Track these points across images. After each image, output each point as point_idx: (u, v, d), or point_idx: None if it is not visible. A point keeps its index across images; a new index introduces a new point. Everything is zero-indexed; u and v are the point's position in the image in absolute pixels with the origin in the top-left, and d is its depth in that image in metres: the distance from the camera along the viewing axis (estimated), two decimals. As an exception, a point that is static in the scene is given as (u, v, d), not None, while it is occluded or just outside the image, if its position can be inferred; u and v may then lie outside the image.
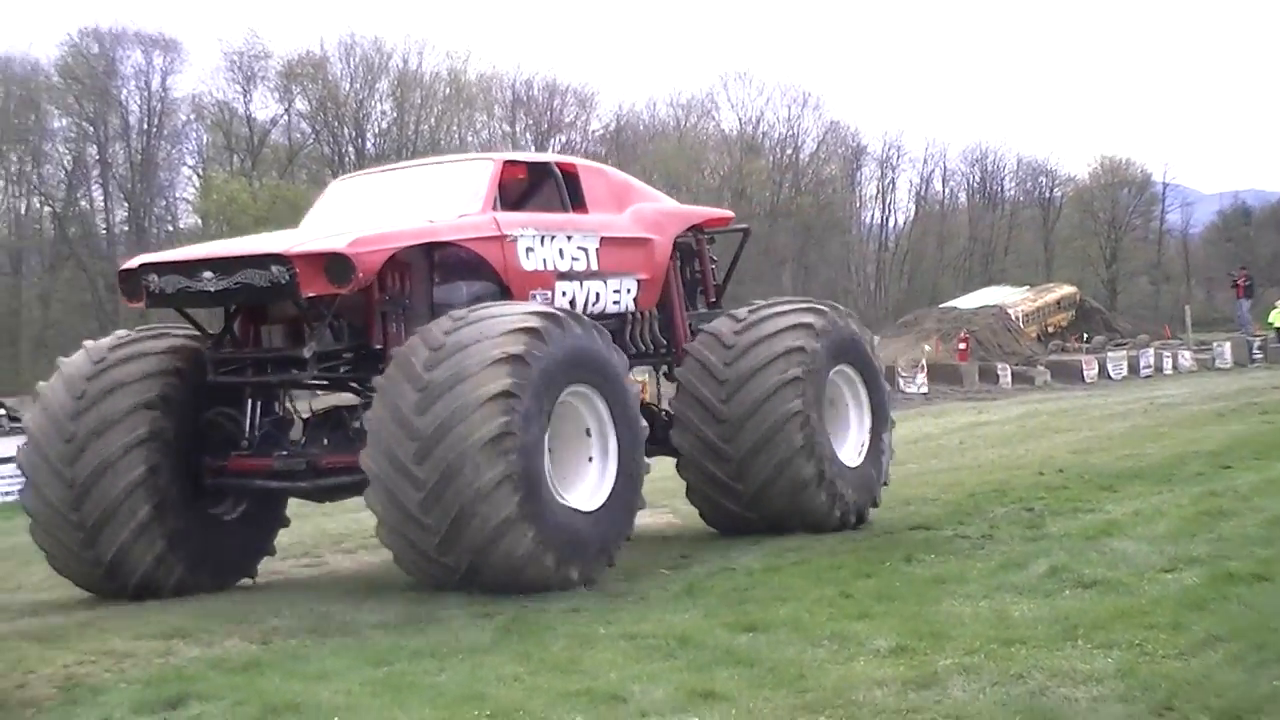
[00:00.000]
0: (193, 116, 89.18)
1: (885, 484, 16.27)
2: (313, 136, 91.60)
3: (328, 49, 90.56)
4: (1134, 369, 55.93)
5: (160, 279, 12.56)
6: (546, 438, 11.72)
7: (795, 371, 14.37)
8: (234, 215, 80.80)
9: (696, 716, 8.18)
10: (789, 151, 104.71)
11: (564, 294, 13.76)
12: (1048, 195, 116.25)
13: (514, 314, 11.69)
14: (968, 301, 73.48)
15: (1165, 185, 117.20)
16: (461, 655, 10.22)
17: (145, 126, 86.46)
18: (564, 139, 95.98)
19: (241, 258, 12.31)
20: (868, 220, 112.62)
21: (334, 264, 11.72)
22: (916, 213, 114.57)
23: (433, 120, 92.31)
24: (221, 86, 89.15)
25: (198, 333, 13.50)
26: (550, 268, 13.58)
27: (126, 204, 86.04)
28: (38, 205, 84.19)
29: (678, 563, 13.86)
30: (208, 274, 12.29)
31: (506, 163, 14.37)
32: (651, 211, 15.45)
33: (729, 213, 18.26)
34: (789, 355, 14.44)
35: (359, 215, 13.93)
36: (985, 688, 8.49)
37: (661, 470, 15.12)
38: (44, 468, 12.56)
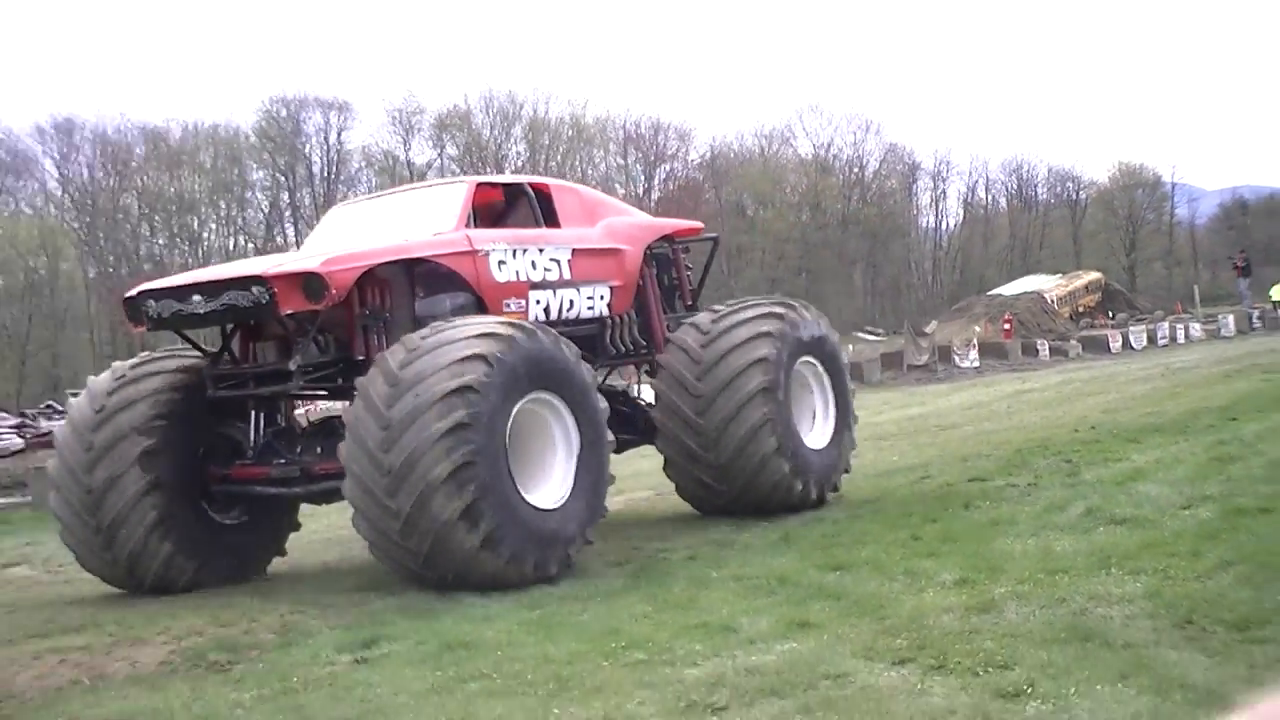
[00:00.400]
0: (363, 164, 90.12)
1: (847, 470, 15.07)
2: (459, 174, 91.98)
3: (471, 102, 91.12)
4: (1152, 340, 55.23)
5: (157, 304, 11.88)
6: (505, 444, 10.65)
7: (761, 353, 13.48)
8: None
9: (795, 643, 8.18)
10: (855, 170, 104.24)
11: (538, 302, 12.92)
12: (1074, 197, 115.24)
13: (462, 339, 10.59)
14: (1010, 289, 72.72)
15: (1173, 185, 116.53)
16: (600, 598, 10.29)
17: (326, 174, 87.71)
18: (667, 169, 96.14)
19: (226, 280, 11.59)
20: (923, 225, 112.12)
21: (309, 282, 11.03)
22: (964, 217, 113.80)
23: (559, 158, 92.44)
24: (385, 138, 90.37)
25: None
26: (524, 278, 12.74)
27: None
28: (243, 242, 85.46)
29: (774, 516, 13.82)
30: (197, 297, 11.62)
31: (479, 185, 13.62)
32: (622, 224, 14.55)
33: (698, 224, 17.29)
34: (755, 365, 13.42)
35: (348, 237, 13.23)
36: (1034, 610, 8.44)
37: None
38: (67, 475, 11.98)
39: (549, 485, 11.25)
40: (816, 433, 14.46)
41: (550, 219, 13.52)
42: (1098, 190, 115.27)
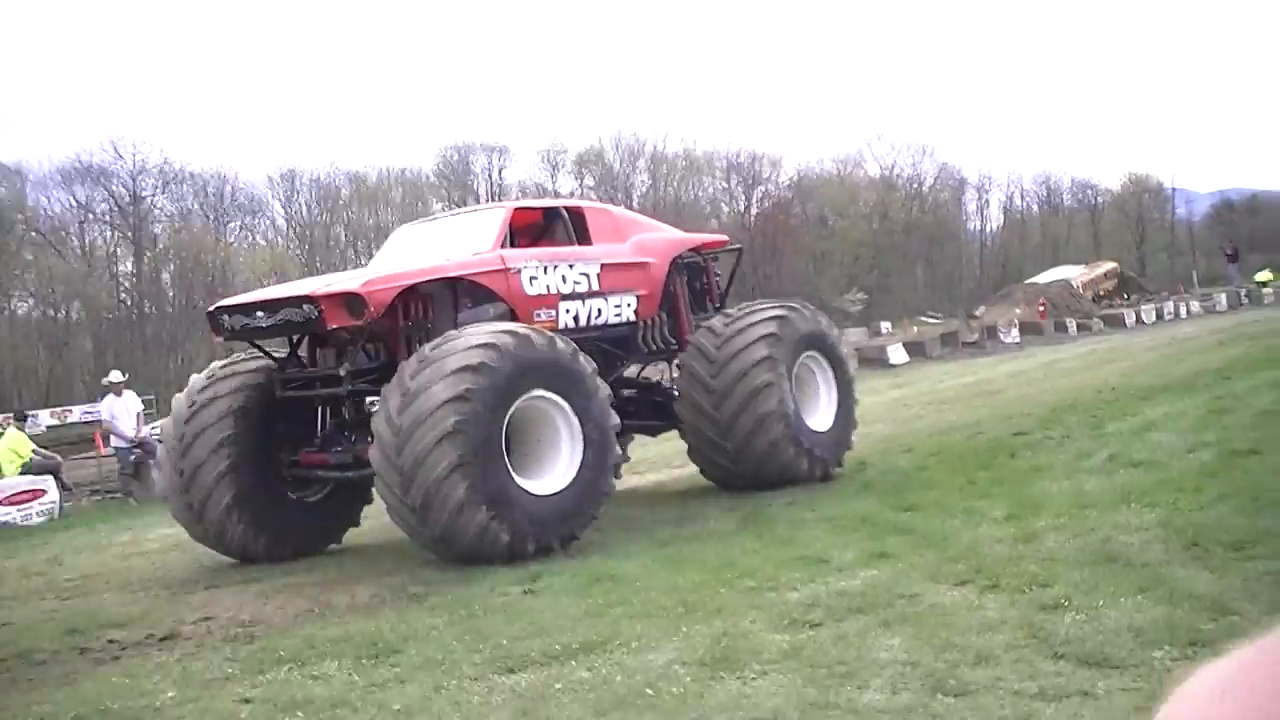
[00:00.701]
0: (520, 193, 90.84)
1: (849, 447, 13.87)
2: (596, 200, 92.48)
3: (604, 141, 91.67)
4: (1160, 316, 54.32)
5: (230, 319, 11.44)
6: (501, 440, 9.94)
7: (766, 352, 12.60)
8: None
9: (875, 570, 8.14)
10: (915, 186, 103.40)
11: (567, 311, 12.11)
12: (1093, 202, 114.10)
13: (460, 351, 9.92)
14: (1043, 278, 71.81)
15: (1173, 190, 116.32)
16: (717, 537, 10.28)
17: (490, 200, 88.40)
18: (762, 190, 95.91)
19: (283, 299, 11.08)
20: (971, 228, 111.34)
21: (351, 301, 10.49)
22: (1004, 221, 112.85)
23: (675, 184, 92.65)
24: (536, 173, 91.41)
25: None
26: (554, 291, 11.98)
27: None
28: None
29: (858, 468, 13.76)
30: (260, 314, 11.17)
31: (517, 209, 12.88)
32: (650, 240, 13.61)
33: (723, 237, 16.36)
34: (761, 364, 12.53)
35: (404, 255, 12.62)
36: (1069, 539, 8.34)
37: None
38: (166, 461, 11.72)
39: (554, 472, 10.50)
40: (821, 416, 13.50)
41: (583, 237, 12.83)
42: (1112, 196, 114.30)
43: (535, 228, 13.13)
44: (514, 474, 10.04)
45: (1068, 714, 4.97)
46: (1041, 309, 55.03)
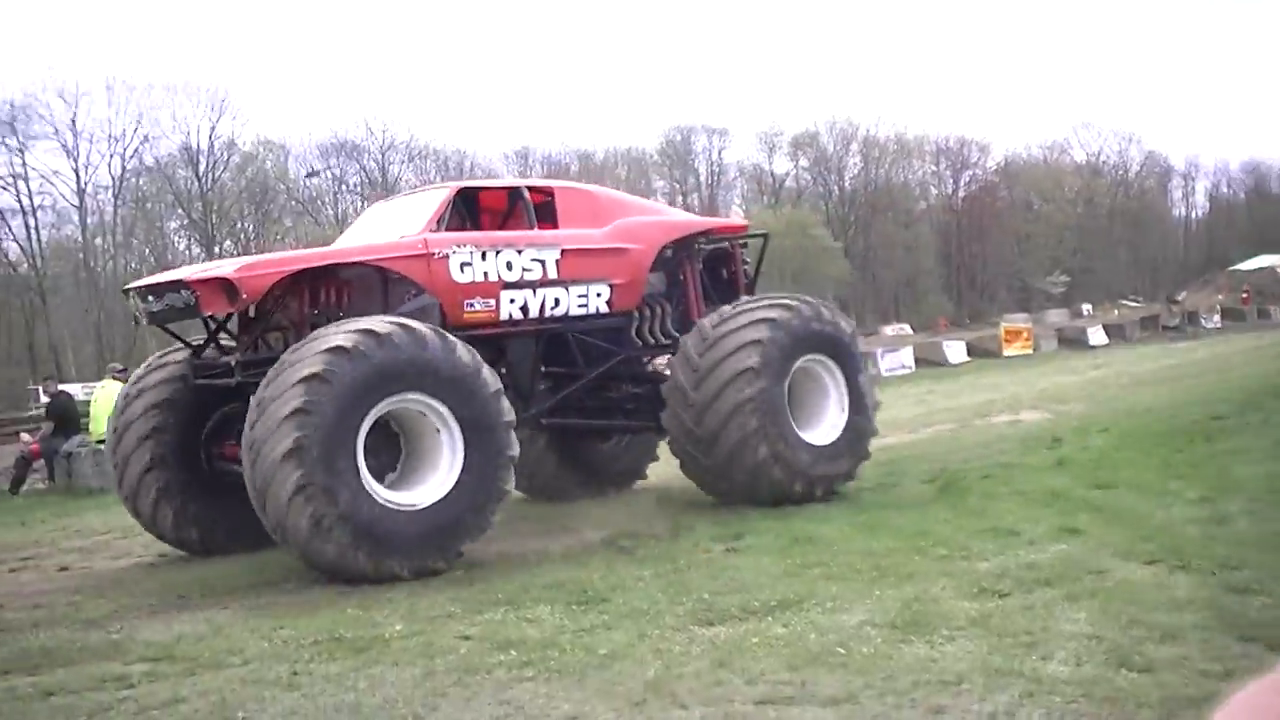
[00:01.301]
0: (738, 174, 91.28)
1: (864, 458, 11.56)
2: (810, 183, 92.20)
3: (819, 124, 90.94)
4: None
5: (139, 302, 10.17)
6: (355, 451, 8.55)
7: (750, 362, 10.59)
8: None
9: (1065, 544, 7.93)
10: (1120, 173, 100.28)
11: (513, 301, 10.43)
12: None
13: (308, 357, 8.57)
14: (1248, 265, 69.10)
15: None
16: (912, 506, 10.15)
17: (710, 183, 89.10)
18: (970, 174, 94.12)
19: (167, 284, 9.88)
20: (1176, 215, 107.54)
21: (226, 287, 9.23)
22: (1210, 207, 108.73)
23: (886, 167, 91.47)
24: (754, 154, 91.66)
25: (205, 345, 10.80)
26: (495, 279, 10.29)
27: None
28: None
29: (1051, 445, 13.41)
30: (151, 298, 9.97)
31: (461, 189, 11.13)
32: (635, 225, 11.51)
33: (741, 222, 14.30)
34: (742, 375, 10.58)
35: (362, 233, 11.38)
36: (1263, 523, 8.00)
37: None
38: (109, 453, 10.99)
39: (430, 481, 9.04)
40: (826, 428, 11.25)
41: (549, 220, 11.16)
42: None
43: (501, 211, 11.72)
44: (378, 489, 8.72)
45: (1253, 696, 4.77)
46: (1245, 295, 52.81)
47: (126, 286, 10.85)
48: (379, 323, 8.92)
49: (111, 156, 67.81)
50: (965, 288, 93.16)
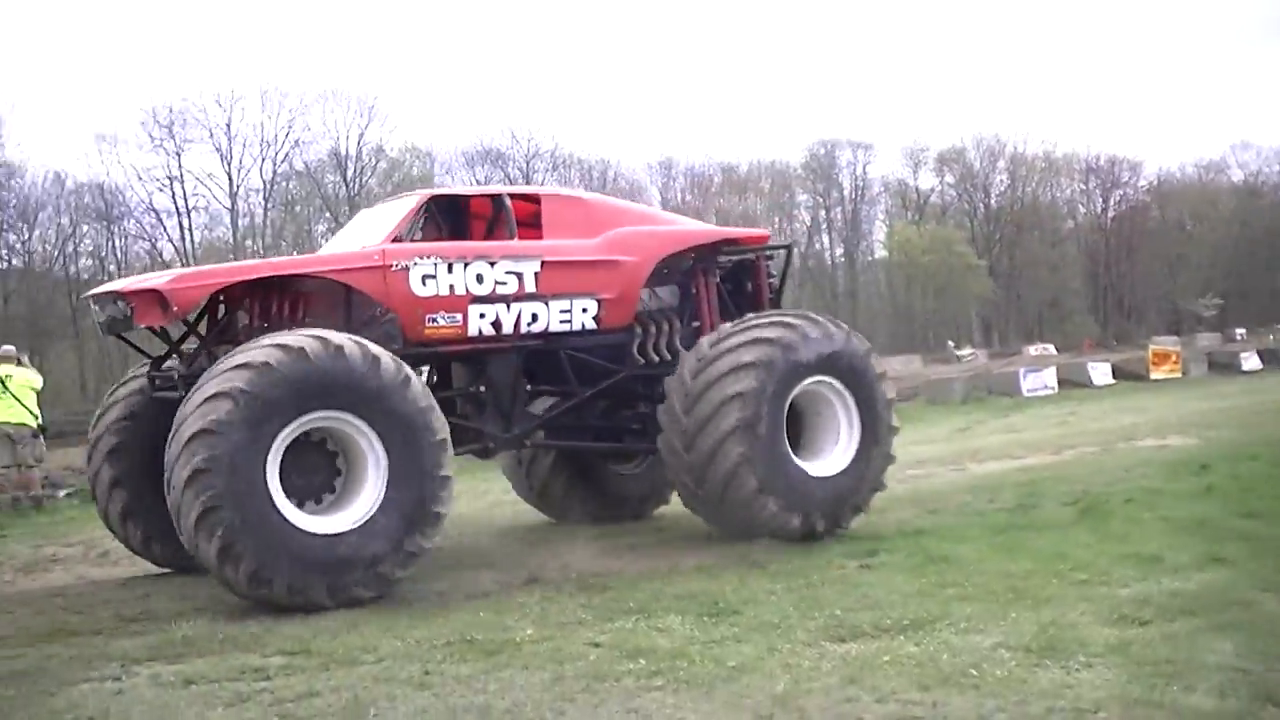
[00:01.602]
0: (882, 189, 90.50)
1: (878, 489, 10.56)
2: (954, 199, 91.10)
3: (965, 140, 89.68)
4: None
5: (95, 310, 9.80)
6: (264, 476, 7.98)
7: (739, 387, 9.70)
8: (909, 250, 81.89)
9: (1210, 574, 7.68)
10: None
11: (482, 316, 9.70)
12: None
13: (218, 375, 8.10)
14: None
15: None
16: (1051, 529, 9.89)
17: (853, 195, 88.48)
18: (1119, 194, 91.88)
19: (108, 294, 9.45)
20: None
21: (159, 299, 8.77)
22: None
23: (1033, 185, 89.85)
24: (898, 169, 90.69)
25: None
26: (462, 292, 9.59)
27: (843, 245, 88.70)
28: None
29: (1199, 471, 12.99)
30: (97, 307, 9.60)
31: (432, 198, 10.51)
32: (632, 236, 10.63)
33: (761, 231, 12.98)
34: (731, 402, 9.69)
35: (341, 241, 10.99)
36: None
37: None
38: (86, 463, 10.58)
39: (352, 506, 8.44)
40: (832, 457, 10.34)
41: (532, 230, 10.49)
42: None
43: (482, 220, 11.03)
44: (294, 513, 8.19)
45: None
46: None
47: (88, 294, 10.21)
48: (293, 336, 8.42)
49: (263, 160, 69.70)
50: (1112, 309, 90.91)
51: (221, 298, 9.55)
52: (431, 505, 8.49)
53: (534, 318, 9.98)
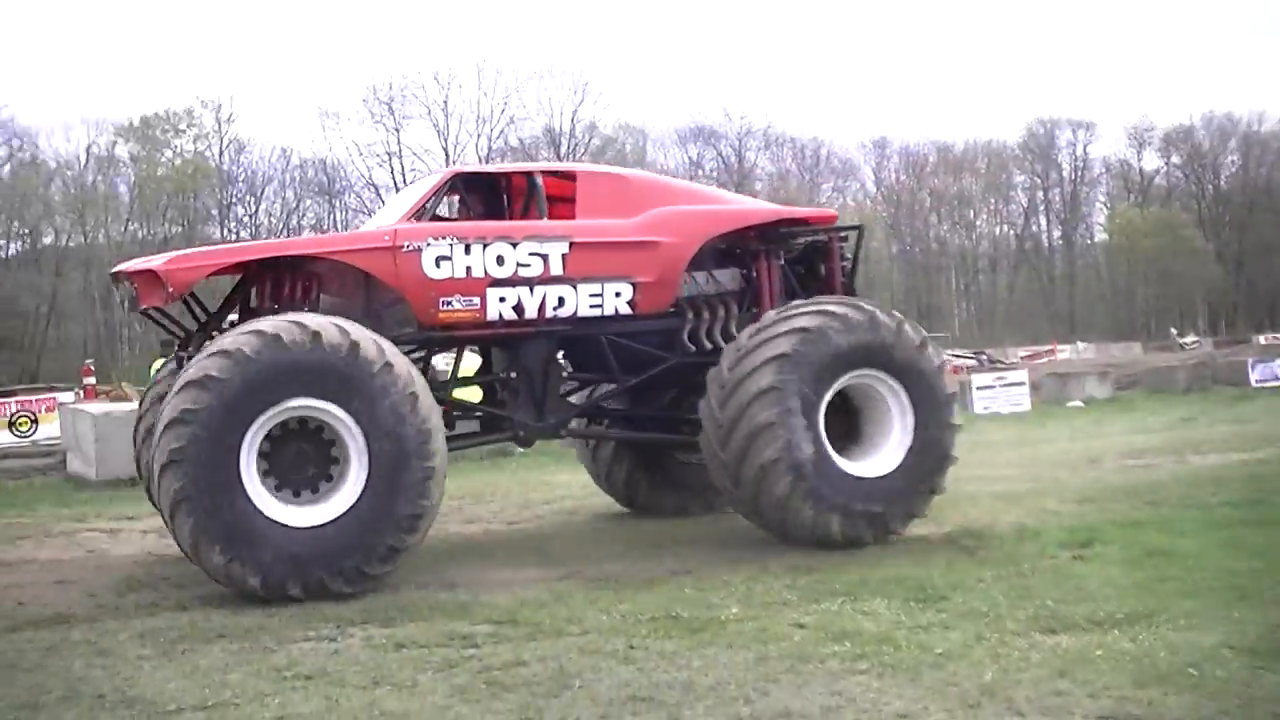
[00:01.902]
0: (1103, 170, 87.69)
1: (936, 492, 9.60)
2: (1181, 181, 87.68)
3: (1194, 119, 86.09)
4: None
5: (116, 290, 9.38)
6: (240, 465, 7.76)
7: (770, 381, 8.97)
8: (1131, 233, 79.26)
9: None
10: None
11: (503, 299, 9.19)
12: None
13: (197, 362, 7.98)
14: None
15: None
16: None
17: (1072, 177, 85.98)
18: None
19: (120, 274, 9.20)
20: None
21: (157, 280, 8.53)
22: None
23: (1267, 166, 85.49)
24: (1121, 149, 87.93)
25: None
26: (480, 274, 9.10)
27: (1061, 228, 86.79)
28: (1006, 230, 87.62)
29: None
30: (117, 287, 9.46)
31: (455, 175, 10.06)
32: (674, 215, 9.90)
33: (828, 211, 11.85)
34: (761, 397, 8.95)
35: (375, 218, 10.71)
36: None
37: None
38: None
39: (331, 499, 8.11)
40: (881, 456, 9.48)
41: (564, 209, 9.94)
42: None
43: (515, 198, 10.48)
44: (270, 503, 7.95)
45: None
46: None
47: (114, 270, 9.78)
48: (270, 322, 8.13)
49: (479, 136, 72.19)
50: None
51: (240, 279, 9.42)
52: (416, 499, 8.09)
53: (560, 301, 9.45)
